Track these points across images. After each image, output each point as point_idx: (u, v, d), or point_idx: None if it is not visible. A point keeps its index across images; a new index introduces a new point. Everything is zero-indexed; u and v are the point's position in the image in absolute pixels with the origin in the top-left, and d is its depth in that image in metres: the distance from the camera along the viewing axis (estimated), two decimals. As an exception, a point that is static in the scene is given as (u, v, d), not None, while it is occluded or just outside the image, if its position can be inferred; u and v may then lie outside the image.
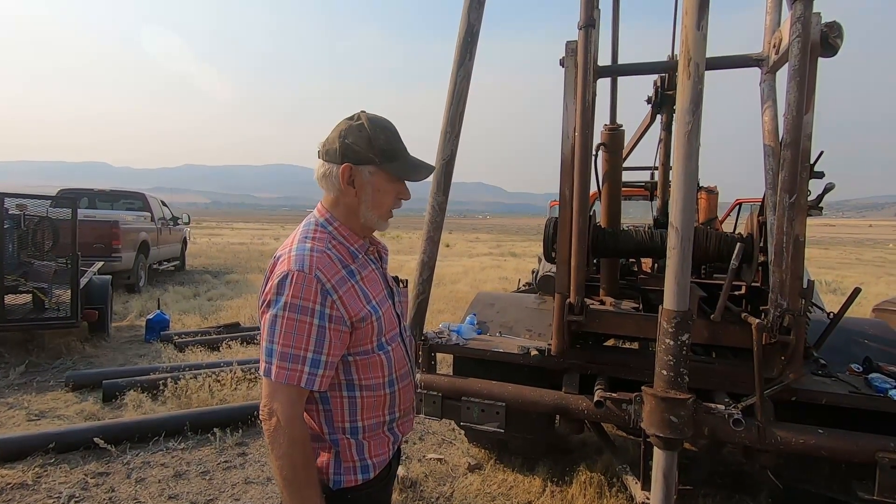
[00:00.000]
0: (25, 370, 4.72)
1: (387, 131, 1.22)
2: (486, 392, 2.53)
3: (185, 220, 12.31)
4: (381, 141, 1.20)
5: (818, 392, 2.11)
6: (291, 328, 1.10)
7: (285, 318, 1.10)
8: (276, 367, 1.10)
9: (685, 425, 1.84)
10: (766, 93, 2.31)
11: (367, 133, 1.20)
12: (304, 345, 1.10)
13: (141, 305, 7.69)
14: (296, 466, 1.11)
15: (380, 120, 1.23)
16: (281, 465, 1.10)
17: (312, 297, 1.11)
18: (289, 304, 1.10)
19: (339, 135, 1.20)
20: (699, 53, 1.77)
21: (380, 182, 1.22)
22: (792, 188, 1.92)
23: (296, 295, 1.10)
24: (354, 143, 1.19)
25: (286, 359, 1.10)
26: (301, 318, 1.10)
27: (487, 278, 12.50)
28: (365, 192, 1.22)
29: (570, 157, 2.32)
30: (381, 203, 1.24)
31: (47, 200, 5.73)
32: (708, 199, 5.17)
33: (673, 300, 1.83)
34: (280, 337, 1.10)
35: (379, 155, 1.20)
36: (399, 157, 1.23)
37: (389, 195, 1.25)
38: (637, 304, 2.85)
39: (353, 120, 1.22)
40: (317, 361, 1.12)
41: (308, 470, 1.13)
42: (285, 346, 1.10)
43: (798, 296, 2.03)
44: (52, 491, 2.84)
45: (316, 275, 1.12)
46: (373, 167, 1.21)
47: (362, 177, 1.21)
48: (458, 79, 2.47)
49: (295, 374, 1.10)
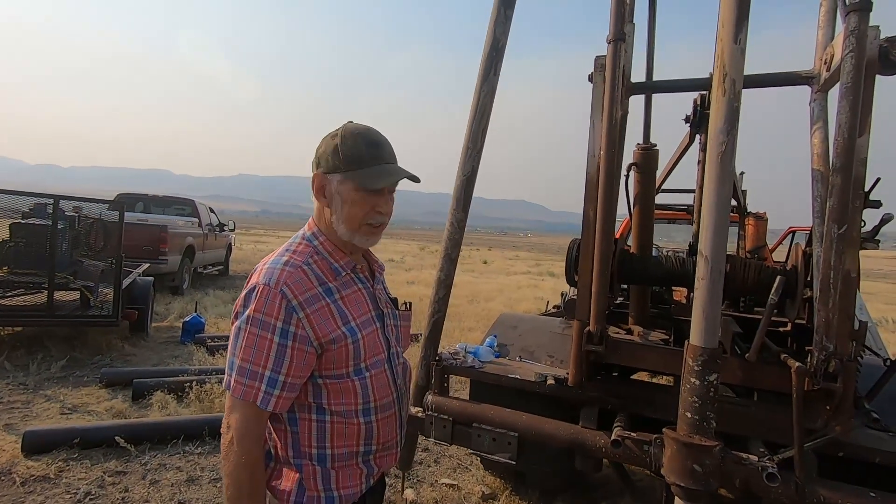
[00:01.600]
0: (66, 364, 4.94)
1: (358, 137, 1.13)
2: (499, 420, 2.40)
3: (230, 226, 12.78)
4: (348, 146, 1.12)
5: (870, 449, 1.87)
6: (252, 343, 1.06)
7: (247, 332, 1.06)
8: (234, 382, 1.06)
9: (710, 475, 1.66)
10: (816, 113, 2.12)
11: (337, 141, 1.14)
12: (262, 362, 1.05)
13: (182, 307, 7.97)
14: (241, 488, 1.05)
15: (356, 127, 1.16)
16: (227, 483, 1.05)
17: (275, 313, 1.05)
18: (251, 317, 1.06)
19: (319, 146, 1.18)
20: (736, 69, 1.63)
21: (347, 192, 1.13)
22: (842, 218, 1.73)
23: (258, 309, 1.06)
24: (325, 152, 1.15)
25: (244, 374, 1.05)
26: (262, 333, 1.05)
27: (523, 297, 12.27)
28: (335, 203, 1.15)
29: (596, 177, 2.20)
30: (352, 215, 1.14)
31: (102, 204, 6.07)
32: (756, 226, 4.85)
33: (700, 335, 1.67)
34: (241, 351, 1.06)
35: (344, 162, 1.12)
36: (365, 164, 1.12)
37: (358, 206, 1.14)
38: (668, 336, 2.65)
39: (332, 132, 1.18)
40: (273, 381, 1.06)
41: (254, 495, 1.06)
42: (244, 361, 1.06)
43: (847, 338, 1.81)
44: (71, 486, 2.91)
45: (282, 290, 1.06)
46: (339, 175, 1.13)
47: (331, 187, 1.15)
48: (481, 94, 2.40)
49: (251, 392, 1.05)
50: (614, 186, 2.15)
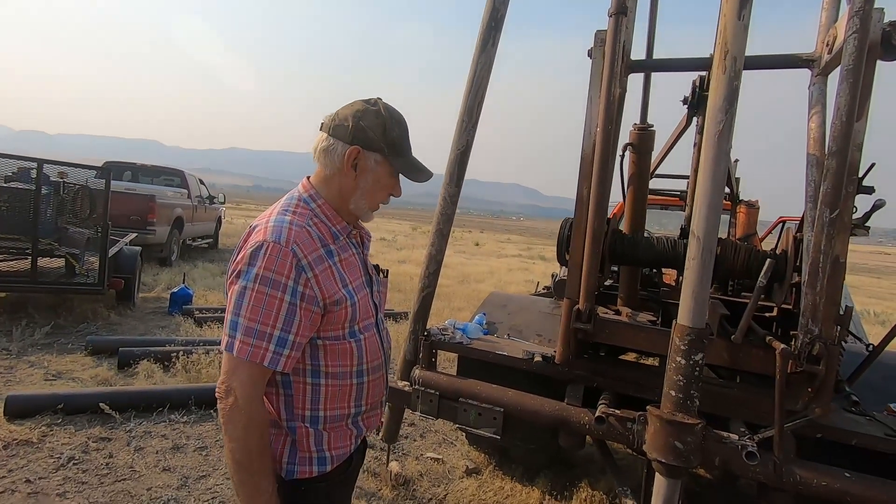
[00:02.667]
0: (51, 331, 4.89)
1: (400, 126, 1.19)
2: (485, 395, 2.41)
3: (220, 199, 12.62)
4: (395, 134, 1.17)
5: (849, 431, 1.90)
6: (260, 302, 1.03)
7: (255, 292, 1.03)
8: (240, 343, 1.03)
9: (691, 453, 1.68)
10: (815, 97, 2.10)
11: (383, 120, 1.15)
12: (272, 321, 1.04)
13: (170, 279, 7.90)
14: (251, 451, 1.04)
15: (396, 112, 1.19)
16: (234, 447, 1.04)
17: (286, 272, 1.04)
18: (260, 276, 1.03)
19: (354, 114, 1.15)
20: (738, 46, 1.60)
21: (382, 174, 1.19)
22: (834, 202, 1.72)
23: (269, 267, 1.04)
24: (369, 127, 1.14)
25: (251, 334, 1.03)
26: (272, 292, 1.03)
27: (513, 280, 12.32)
28: (365, 179, 1.17)
29: (591, 155, 2.17)
30: (376, 195, 1.21)
31: (89, 170, 5.94)
32: (748, 214, 4.87)
33: (688, 315, 1.67)
34: (247, 311, 1.04)
35: (389, 146, 1.16)
36: (405, 154, 1.20)
37: (385, 189, 1.22)
38: (655, 318, 2.67)
39: (369, 103, 1.17)
40: (283, 340, 1.05)
41: (263, 456, 1.06)
42: (251, 321, 1.03)
43: (832, 322, 1.82)
44: (55, 451, 2.90)
45: (293, 248, 1.05)
46: (380, 156, 1.16)
47: (367, 163, 1.16)
48: (478, 66, 2.35)
49: (259, 352, 1.03)
50: (609, 165, 2.12)
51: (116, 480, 2.71)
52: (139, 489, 2.65)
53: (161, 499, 2.58)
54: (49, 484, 2.61)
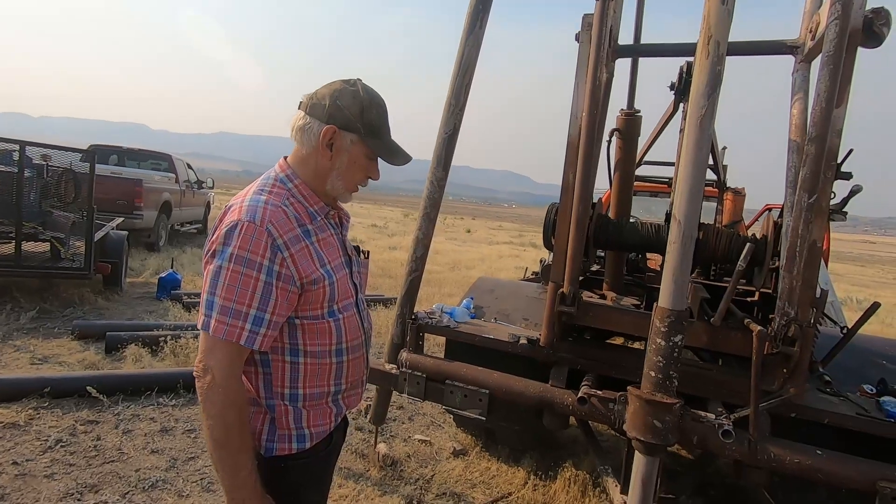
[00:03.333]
0: (37, 315, 4.85)
1: (379, 108, 1.19)
2: (471, 378, 2.45)
3: (209, 184, 12.48)
4: (373, 115, 1.17)
5: (821, 411, 1.96)
6: (236, 281, 1.04)
7: (230, 271, 1.04)
8: (216, 322, 1.04)
9: (669, 431, 1.73)
10: (797, 83, 2.12)
11: (360, 101, 1.15)
12: (247, 300, 1.04)
13: (158, 264, 7.83)
14: (229, 429, 1.05)
15: (375, 94, 1.19)
16: (213, 425, 1.05)
17: (261, 251, 1.05)
18: (235, 255, 1.04)
19: (332, 94, 1.15)
20: (721, 31, 1.61)
21: (357, 155, 1.19)
22: (813, 187, 1.76)
23: (243, 247, 1.04)
24: (346, 107, 1.14)
25: (227, 313, 1.04)
26: (247, 271, 1.04)
27: (504, 266, 12.37)
28: (340, 160, 1.17)
29: (577, 139, 2.18)
30: (352, 176, 1.21)
31: (74, 153, 5.84)
32: (734, 201, 4.92)
33: (668, 298, 1.71)
34: (223, 290, 1.04)
35: (365, 127, 1.16)
36: (381, 135, 1.20)
37: (361, 171, 1.22)
38: (640, 302, 2.71)
39: (349, 84, 1.17)
40: (260, 319, 1.06)
41: (242, 434, 1.08)
42: (227, 300, 1.04)
43: (808, 305, 1.87)
44: (42, 434, 2.90)
45: (267, 228, 1.06)
46: (356, 137, 1.16)
47: (342, 143, 1.16)
48: (466, 48, 2.34)
49: (235, 331, 1.04)
50: (595, 150, 2.14)
51: (105, 462, 2.72)
52: (127, 470, 2.67)
53: (149, 480, 2.60)
54: (36, 466, 2.62)
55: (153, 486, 2.57)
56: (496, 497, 2.82)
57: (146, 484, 2.57)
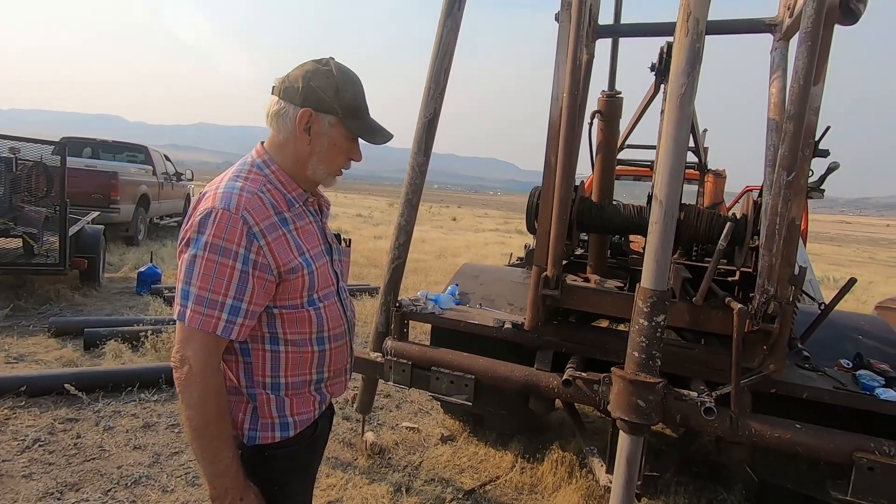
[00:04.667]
0: (11, 313, 4.72)
1: (355, 85, 1.15)
2: (457, 364, 2.45)
3: (188, 176, 12.22)
4: (349, 95, 1.12)
5: (800, 386, 2.00)
6: (211, 270, 1.01)
7: (204, 259, 1.01)
8: (191, 312, 1.02)
9: (653, 410, 1.74)
10: (776, 61, 2.12)
11: (335, 81, 1.11)
12: (223, 290, 1.02)
13: (137, 258, 7.67)
14: (208, 418, 1.04)
15: (349, 72, 1.14)
16: (191, 415, 1.03)
17: (237, 240, 1.02)
18: (209, 244, 1.01)
19: (304, 75, 1.10)
20: (701, 8, 1.60)
21: (337, 137, 1.15)
22: (791, 165, 1.76)
23: (218, 235, 1.01)
24: (320, 88, 1.09)
25: (202, 303, 1.01)
26: (222, 260, 1.01)
27: (490, 254, 12.40)
28: (320, 143, 1.13)
29: (559, 122, 2.16)
30: (334, 159, 1.17)
31: (45, 146, 5.65)
32: (715, 183, 4.98)
33: (651, 278, 1.71)
34: (198, 279, 1.01)
35: (343, 107, 1.12)
36: (361, 115, 1.16)
37: (343, 153, 1.18)
38: (623, 284, 2.72)
39: (321, 63, 1.12)
40: (236, 309, 1.03)
41: (221, 423, 1.06)
42: (202, 290, 1.01)
43: (787, 283, 1.89)
44: (18, 433, 2.83)
45: (243, 216, 1.03)
46: (334, 119, 1.12)
47: (321, 126, 1.12)
48: (444, 31, 2.29)
49: (211, 321, 1.02)
50: (576, 131, 2.12)
51: (85, 460, 2.67)
52: (109, 467, 2.62)
53: (132, 476, 2.56)
54: (14, 466, 2.55)
55: (136, 482, 2.53)
56: (484, 481, 2.83)
57: (129, 480, 2.53)
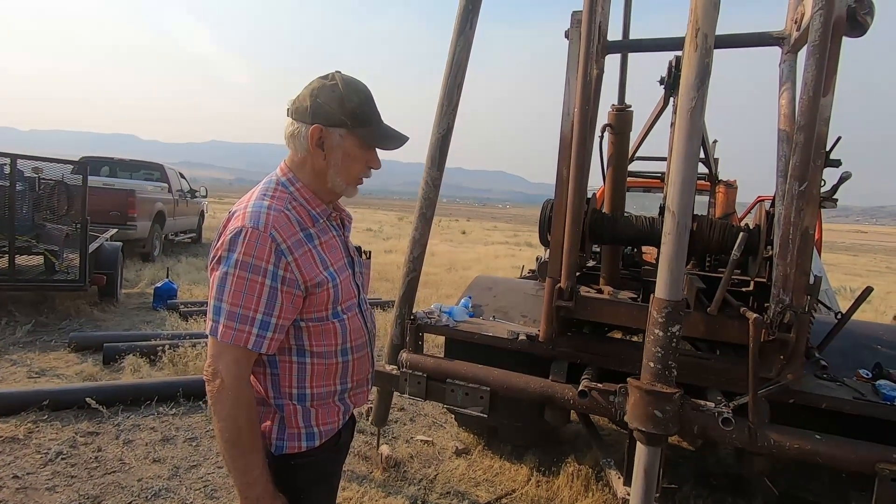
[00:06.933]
0: (32, 329, 4.82)
1: (360, 94, 1.17)
2: (472, 375, 2.46)
3: (202, 193, 12.44)
4: (354, 104, 1.15)
5: (818, 396, 1.99)
6: (241, 287, 1.05)
7: (235, 277, 1.05)
8: (223, 327, 1.06)
9: (670, 421, 1.74)
10: (785, 74, 2.15)
11: (339, 93, 1.14)
12: (253, 305, 1.06)
13: (153, 274, 7.80)
14: (240, 429, 1.07)
15: (354, 81, 1.18)
16: (224, 426, 1.07)
17: (266, 257, 1.06)
18: (240, 261, 1.05)
19: (311, 93, 1.15)
20: (709, 23, 1.63)
21: (350, 147, 1.17)
22: (803, 175, 1.78)
23: (248, 253, 1.05)
24: (326, 103, 1.13)
25: (234, 318, 1.05)
26: (252, 277, 1.06)
27: (500, 266, 12.39)
28: (334, 157, 1.17)
29: (570, 136, 2.20)
30: (350, 169, 1.20)
31: (66, 165, 5.82)
32: (726, 194, 4.97)
33: (665, 289, 1.72)
34: (229, 296, 1.06)
35: (350, 118, 1.14)
36: (371, 122, 1.18)
37: (359, 162, 1.20)
38: (636, 295, 2.73)
39: (326, 79, 1.17)
40: (266, 323, 1.07)
41: (253, 433, 1.10)
42: (234, 306, 1.06)
43: (803, 292, 1.89)
44: (42, 447, 2.88)
45: (271, 234, 1.07)
46: (344, 130, 1.15)
47: (332, 140, 1.15)
48: (457, 48, 2.35)
49: (242, 336, 1.06)
50: (587, 145, 2.15)
51: (106, 473, 2.71)
52: (130, 480, 2.66)
53: (152, 489, 2.59)
54: (37, 479, 2.60)
55: (156, 494, 2.56)
56: (500, 495, 2.82)
57: (149, 493, 2.56)
